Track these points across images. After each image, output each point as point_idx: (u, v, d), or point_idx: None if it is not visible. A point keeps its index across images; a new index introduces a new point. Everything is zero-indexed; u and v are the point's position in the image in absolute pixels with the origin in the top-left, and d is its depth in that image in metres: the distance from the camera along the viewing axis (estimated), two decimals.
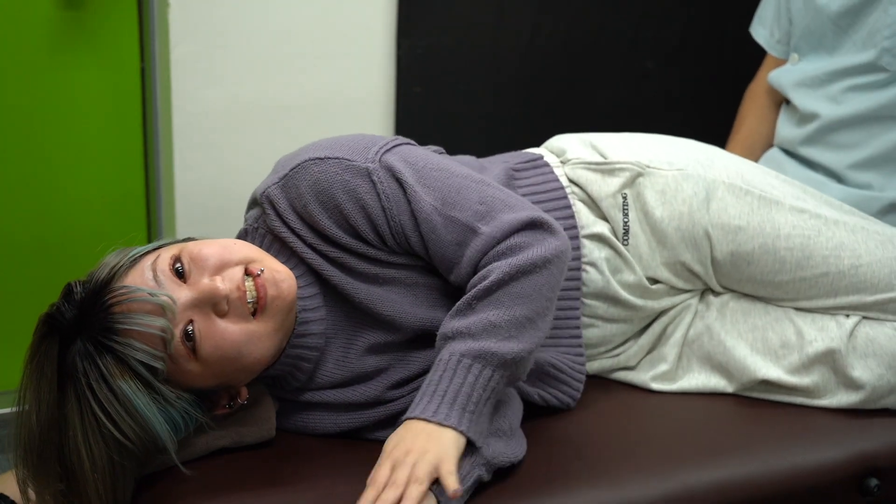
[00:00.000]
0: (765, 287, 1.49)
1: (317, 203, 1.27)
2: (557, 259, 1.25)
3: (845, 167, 1.82)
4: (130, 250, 1.23)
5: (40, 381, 1.18)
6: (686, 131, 1.77)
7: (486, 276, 1.23)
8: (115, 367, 1.15)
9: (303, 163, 1.28)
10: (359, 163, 1.27)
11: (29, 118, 2.15)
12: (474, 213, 1.27)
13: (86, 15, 2.13)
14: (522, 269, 1.22)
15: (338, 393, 1.34)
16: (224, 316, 1.20)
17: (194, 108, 2.12)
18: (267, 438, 1.31)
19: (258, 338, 1.21)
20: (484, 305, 1.21)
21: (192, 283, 1.20)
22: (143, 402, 1.16)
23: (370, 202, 1.26)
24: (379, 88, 2.29)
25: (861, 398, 1.45)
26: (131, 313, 1.15)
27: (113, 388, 1.15)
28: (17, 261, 2.21)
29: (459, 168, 1.32)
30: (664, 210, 1.46)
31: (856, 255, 1.47)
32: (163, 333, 1.16)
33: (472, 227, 1.26)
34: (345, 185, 1.26)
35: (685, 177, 1.47)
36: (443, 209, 1.27)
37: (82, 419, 1.15)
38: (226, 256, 1.22)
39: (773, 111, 2.01)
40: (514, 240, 1.25)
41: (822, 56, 1.86)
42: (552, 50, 2.41)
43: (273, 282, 1.21)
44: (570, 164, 1.49)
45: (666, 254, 1.47)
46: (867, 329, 1.47)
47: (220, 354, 1.20)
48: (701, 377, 1.51)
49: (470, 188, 1.29)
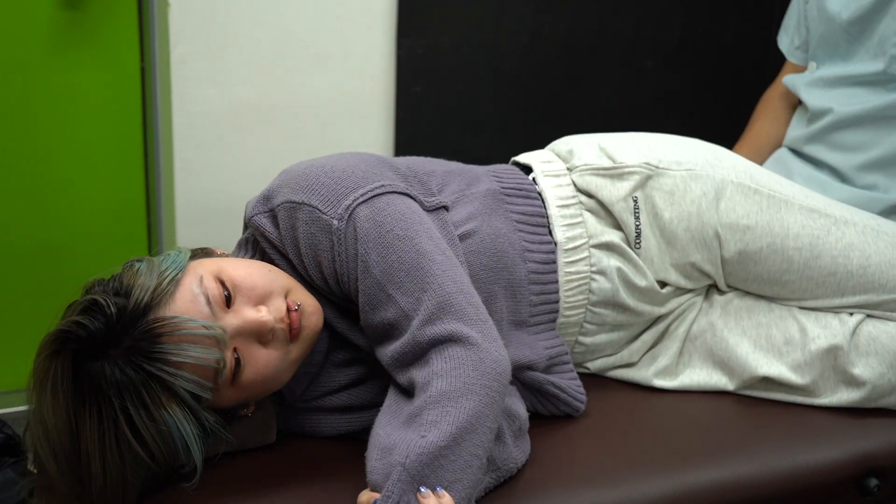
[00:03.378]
0: (771, 286, 1.49)
1: (289, 242, 1.28)
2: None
3: (852, 168, 1.82)
4: (158, 265, 1.20)
5: (55, 395, 1.15)
6: (686, 131, 1.76)
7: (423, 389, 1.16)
8: (161, 395, 1.13)
9: (282, 203, 1.27)
10: (327, 216, 1.25)
11: (29, 118, 2.15)
12: (415, 300, 1.20)
13: (86, 15, 2.13)
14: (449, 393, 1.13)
15: (333, 398, 1.34)
16: (267, 345, 1.21)
17: (194, 109, 2.12)
18: (267, 442, 1.32)
19: (291, 363, 1.24)
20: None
21: (237, 311, 1.19)
22: (186, 429, 1.15)
23: (325, 259, 1.26)
24: (379, 88, 2.29)
25: (861, 396, 1.45)
26: (184, 344, 1.14)
27: (153, 416, 1.13)
28: (17, 261, 2.21)
29: (426, 242, 1.25)
30: (673, 211, 1.46)
31: (865, 256, 1.47)
32: (217, 366, 1.16)
33: (406, 315, 1.21)
34: (310, 237, 1.26)
35: (694, 177, 1.47)
36: (387, 285, 1.22)
37: (102, 437, 1.14)
38: (270, 287, 1.22)
39: (786, 114, 2.01)
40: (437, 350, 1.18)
41: (838, 63, 1.86)
42: (552, 50, 2.41)
43: (307, 315, 1.23)
44: (578, 170, 1.48)
45: (676, 255, 1.47)
46: (870, 327, 1.47)
47: (261, 381, 1.21)
48: (702, 373, 1.51)
49: (423, 270, 1.22)
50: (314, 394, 1.35)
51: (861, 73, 1.81)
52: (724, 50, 2.57)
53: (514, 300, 1.39)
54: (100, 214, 2.24)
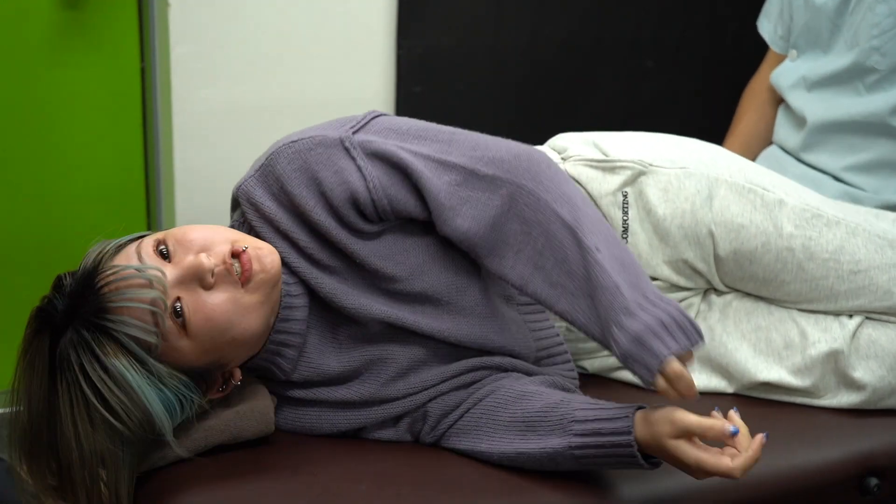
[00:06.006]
0: (767, 286, 1.49)
1: (294, 182, 1.28)
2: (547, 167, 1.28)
3: (839, 169, 1.82)
4: (113, 240, 1.26)
5: (31, 375, 1.19)
6: (686, 131, 1.76)
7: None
8: (108, 345, 1.16)
9: (277, 150, 1.29)
10: (332, 136, 1.29)
11: (29, 118, 2.15)
12: (470, 157, 1.28)
13: (86, 15, 2.13)
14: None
15: (331, 391, 1.34)
16: (211, 289, 1.21)
17: (194, 108, 2.12)
18: (266, 433, 1.31)
19: (246, 308, 1.22)
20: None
21: (177, 262, 1.21)
22: (137, 379, 1.17)
23: (346, 167, 1.27)
24: (379, 88, 2.29)
25: (862, 399, 1.45)
26: (121, 290, 1.17)
27: (106, 367, 1.15)
28: (17, 260, 2.21)
29: (437, 125, 1.35)
30: (667, 208, 1.46)
31: (854, 261, 1.47)
32: (154, 307, 1.17)
33: (472, 169, 1.28)
34: (320, 157, 1.27)
35: (687, 175, 1.47)
36: (438, 156, 1.28)
37: (72, 407, 1.16)
38: (211, 236, 1.23)
39: (772, 107, 2.01)
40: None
41: (818, 55, 1.86)
42: (552, 50, 2.41)
43: (257, 257, 1.23)
44: (572, 160, 1.49)
45: (668, 252, 1.47)
46: (869, 330, 1.47)
47: (211, 326, 1.21)
48: (701, 377, 1.51)
49: (459, 136, 1.31)
50: (307, 373, 1.33)
51: (837, 69, 1.80)
52: (724, 50, 2.57)
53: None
54: (100, 214, 2.24)
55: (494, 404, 1.31)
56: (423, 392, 1.35)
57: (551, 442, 1.23)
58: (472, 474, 1.29)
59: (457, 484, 1.26)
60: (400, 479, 1.26)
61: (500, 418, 1.30)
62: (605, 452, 1.20)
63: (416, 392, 1.34)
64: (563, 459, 1.23)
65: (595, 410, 1.22)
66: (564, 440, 1.22)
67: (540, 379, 1.36)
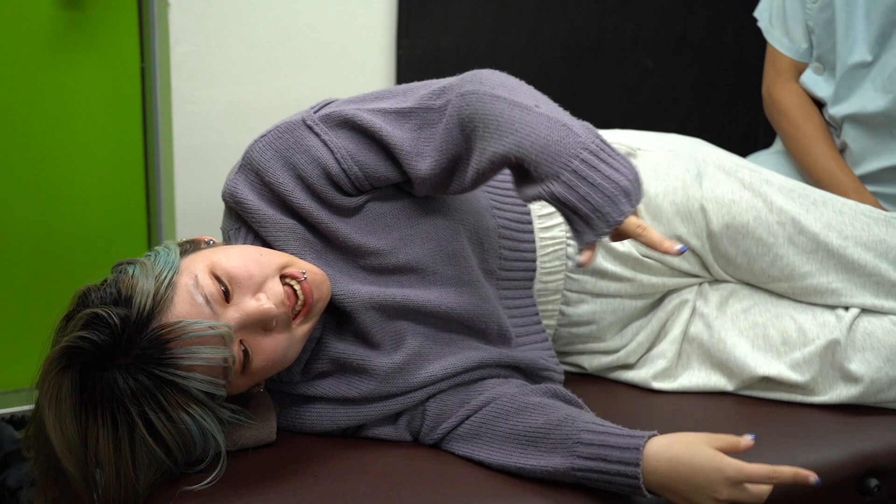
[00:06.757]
0: (760, 261, 1.50)
1: (271, 171, 1.28)
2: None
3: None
4: (151, 267, 1.20)
5: (63, 406, 1.14)
6: (686, 131, 1.77)
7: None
8: (176, 397, 1.15)
9: (250, 147, 1.31)
10: (295, 119, 1.31)
11: (29, 118, 2.15)
12: (423, 97, 1.30)
13: (86, 15, 2.13)
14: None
15: (333, 385, 1.34)
16: (271, 331, 1.22)
17: (194, 108, 2.12)
18: (267, 441, 1.32)
19: (298, 340, 1.25)
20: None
21: (237, 304, 1.20)
22: (203, 426, 1.17)
23: (313, 144, 1.28)
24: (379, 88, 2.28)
25: (860, 391, 1.46)
26: (192, 347, 1.15)
27: (172, 418, 1.15)
28: (17, 261, 2.21)
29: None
30: (658, 185, 1.49)
31: (843, 236, 1.49)
32: (226, 364, 1.17)
33: (426, 107, 1.29)
34: (288, 142, 1.28)
35: (676, 156, 1.52)
36: (395, 107, 1.30)
37: (118, 445, 1.14)
38: (264, 272, 1.22)
39: (827, 129, 1.92)
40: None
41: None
42: (552, 50, 2.41)
43: (316, 286, 1.24)
44: None
45: (661, 229, 1.48)
46: (865, 322, 1.48)
47: (269, 365, 1.23)
48: (701, 375, 1.52)
49: (415, 85, 1.34)
50: (312, 371, 1.34)
51: (867, 111, 1.78)
52: (724, 50, 2.57)
53: (482, 248, 1.40)
54: (100, 214, 2.24)
55: (494, 414, 1.31)
56: (422, 389, 1.35)
57: (553, 461, 1.23)
58: (472, 474, 1.29)
59: (456, 484, 1.26)
60: (400, 479, 1.26)
61: (500, 429, 1.30)
62: (608, 479, 1.20)
63: (415, 389, 1.35)
64: (562, 477, 1.24)
65: (602, 435, 1.22)
66: (567, 461, 1.22)
67: (542, 389, 1.36)
